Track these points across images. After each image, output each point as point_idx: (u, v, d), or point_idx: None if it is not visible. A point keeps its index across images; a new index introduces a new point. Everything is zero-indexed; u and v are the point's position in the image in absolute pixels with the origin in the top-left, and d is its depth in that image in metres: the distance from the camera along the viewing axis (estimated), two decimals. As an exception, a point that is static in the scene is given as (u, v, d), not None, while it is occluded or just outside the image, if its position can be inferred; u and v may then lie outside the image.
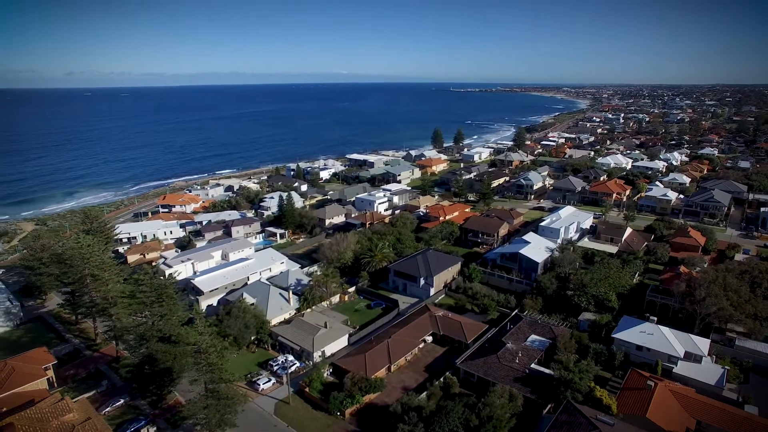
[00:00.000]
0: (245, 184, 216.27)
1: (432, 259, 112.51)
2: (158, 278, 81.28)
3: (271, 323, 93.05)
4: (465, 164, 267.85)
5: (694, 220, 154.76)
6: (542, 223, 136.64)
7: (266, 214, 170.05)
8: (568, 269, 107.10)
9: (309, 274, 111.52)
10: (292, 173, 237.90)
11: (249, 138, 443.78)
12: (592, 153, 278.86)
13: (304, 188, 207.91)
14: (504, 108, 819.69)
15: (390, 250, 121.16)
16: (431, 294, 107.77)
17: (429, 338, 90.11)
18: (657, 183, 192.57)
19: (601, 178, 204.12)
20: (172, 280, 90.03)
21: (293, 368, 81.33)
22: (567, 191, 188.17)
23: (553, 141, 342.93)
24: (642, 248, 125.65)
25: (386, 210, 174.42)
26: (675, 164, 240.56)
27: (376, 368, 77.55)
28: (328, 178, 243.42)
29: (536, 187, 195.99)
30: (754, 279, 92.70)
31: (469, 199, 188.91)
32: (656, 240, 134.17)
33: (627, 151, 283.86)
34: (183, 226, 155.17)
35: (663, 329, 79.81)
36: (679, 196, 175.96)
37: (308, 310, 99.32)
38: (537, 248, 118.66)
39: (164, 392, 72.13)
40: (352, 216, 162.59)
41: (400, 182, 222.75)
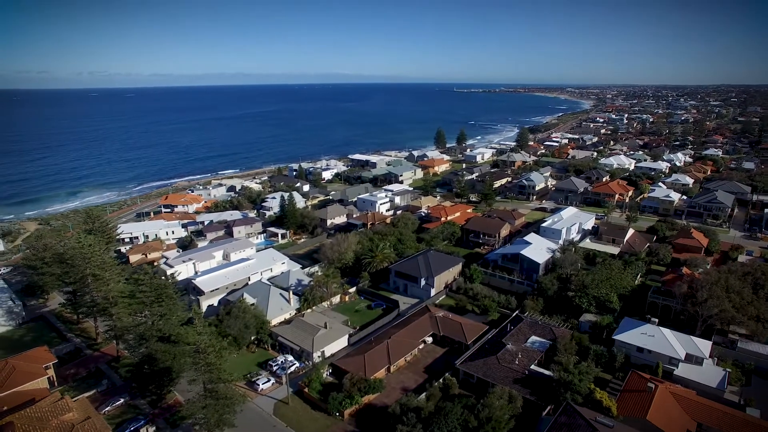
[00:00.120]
0: (247, 185, 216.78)
1: (433, 260, 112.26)
2: (158, 278, 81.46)
3: (272, 323, 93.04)
4: (467, 165, 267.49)
5: (697, 222, 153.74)
6: (544, 224, 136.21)
7: (268, 215, 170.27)
8: (570, 270, 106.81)
9: (310, 275, 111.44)
10: (295, 173, 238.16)
11: (252, 138, 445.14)
12: (595, 154, 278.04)
13: (306, 188, 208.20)
14: (507, 108, 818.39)
15: (391, 251, 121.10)
16: (432, 295, 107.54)
17: (429, 339, 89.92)
18: (660, 184, 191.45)
19: (604, 179, 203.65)
20: (172, 280, 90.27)
21: (293, 368, 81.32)
22: (569, 192, 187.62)
23: (556, 141, 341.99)
24: (644, 249, 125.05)
25: (388, 210, 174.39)
26: (678, 165, 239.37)
27: (376, 369, 77.44)
28: (331, 179, 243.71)
29: (538, 188, 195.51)
30: (757, 280, 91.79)
31: (471, 200, 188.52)
32: (658, 241, 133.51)
33: (630, 152, 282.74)
34: (185, 226, 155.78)
35: (664, 331, 79.34)
36: (682, 197, 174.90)
37: (308, 311, 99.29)
38: (538, 249, 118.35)
39: (163, 392, 72.34)
40: (354, 216, 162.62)
41: (402, 183, 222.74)
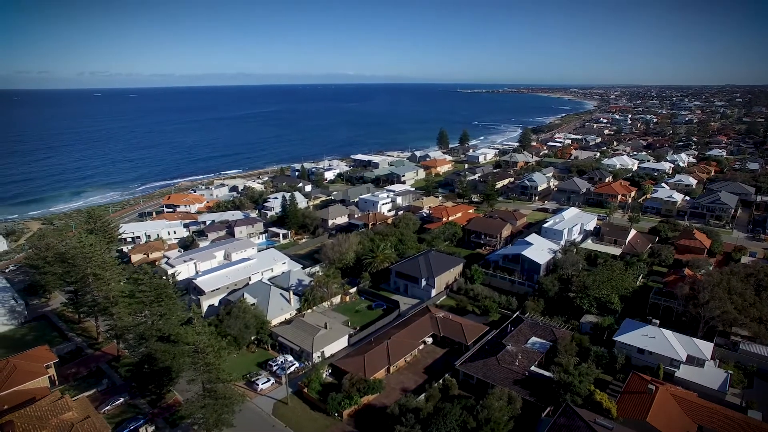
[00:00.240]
0: (250, 185, 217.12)
1: (434, 261, 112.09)
2: (157, 278, 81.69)
3: (272, 323, 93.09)
4: (470, 165, 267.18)
5: (700, 222, 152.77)
6: (545, 225, 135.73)
7: (270, 215, 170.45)
8: (571, 271, 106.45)
9: (311, 275, 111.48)
10: (297, 174, 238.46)
11: (255, 138, 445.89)
12: (598, 154, 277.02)
13: (308, 189, 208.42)
14: (511, 109, 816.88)
15: (392, 251, 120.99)
16: (432, 295, 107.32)
17: (429, 339, 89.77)
18: (663, 184, 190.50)
19: (607, 180, 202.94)
20: (172, 280, 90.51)
21: (292, 369, 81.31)
22: (572, 192, 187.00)
23: (559, 142, 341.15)
24: (646, 250, 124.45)
25: (389, 211, 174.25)
26: (682, 166, 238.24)
27: (375, 369, 77.36)
28: (333, 179, 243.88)
29: (541, 189, 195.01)
30: (760, 282, 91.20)
31: (473, 200, 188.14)
32: (661, 242, 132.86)
33: (634, 153, 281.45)
34: (187, 226, 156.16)
35: (665, 332, 78.85)
36: (685, 198, 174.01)
37: (309, 311, 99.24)
38: (540, 250, 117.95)
39: (163, 391, 72.53)
40: (355, 216, 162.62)
41: (405, 183, 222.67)
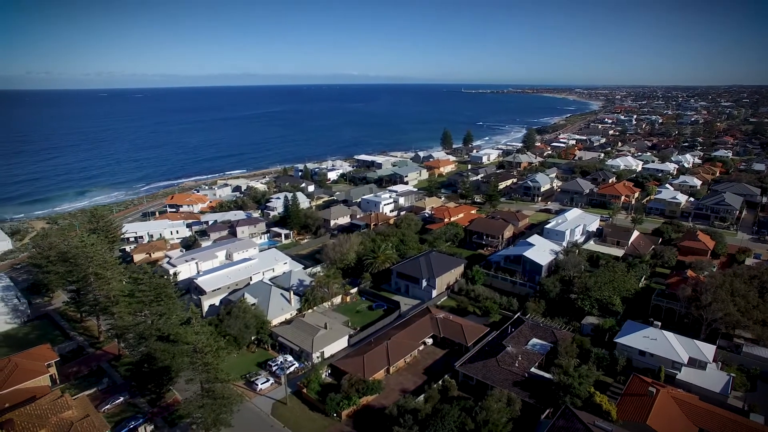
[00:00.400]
0: (252, 185, 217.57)
1: (435, 261, 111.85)
2: (157, 278, 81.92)
3: (272, 323, 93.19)
4: (473, 166, 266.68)
5: (705, 224, 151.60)
6: (547, 226, 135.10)
7: (272, 215, 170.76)
8: (573, 272, 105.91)
9: (311, 275, 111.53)
10: (300, 174, 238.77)
11: (259, 139, 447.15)
12: (602, 155, 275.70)
13: (311, 189, 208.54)
14: (515, 109, 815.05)
15: (393, 252, 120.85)
16: (433, 296, 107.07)
17: (429, 340, 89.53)
18: (667, 185, 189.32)
19: (610, 180, 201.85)
20: (173, 280, 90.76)
21: (292, 369, 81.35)
22: (575, 193, 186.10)
23: (563, 143, 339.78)
24: (649, 252, 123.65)
25: (392, 211, 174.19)
26: (687, 166, 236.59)
27: (375, 370, 77.23)
28: (336, 179, 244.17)
29: (544, 189, 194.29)
30: (764, 284, 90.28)
31: (476, 201, 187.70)
32: (664, 243, 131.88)
33: (638, 153, 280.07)
34: (189, 226, 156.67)
35: (667, 334, 78.24)
36: (690, 199, 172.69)
37: (309, 311, 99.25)
38: (541, 251, 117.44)
39: (163, 391, 72.77)
40: (357, 217, 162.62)
41: (408, 183, 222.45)
